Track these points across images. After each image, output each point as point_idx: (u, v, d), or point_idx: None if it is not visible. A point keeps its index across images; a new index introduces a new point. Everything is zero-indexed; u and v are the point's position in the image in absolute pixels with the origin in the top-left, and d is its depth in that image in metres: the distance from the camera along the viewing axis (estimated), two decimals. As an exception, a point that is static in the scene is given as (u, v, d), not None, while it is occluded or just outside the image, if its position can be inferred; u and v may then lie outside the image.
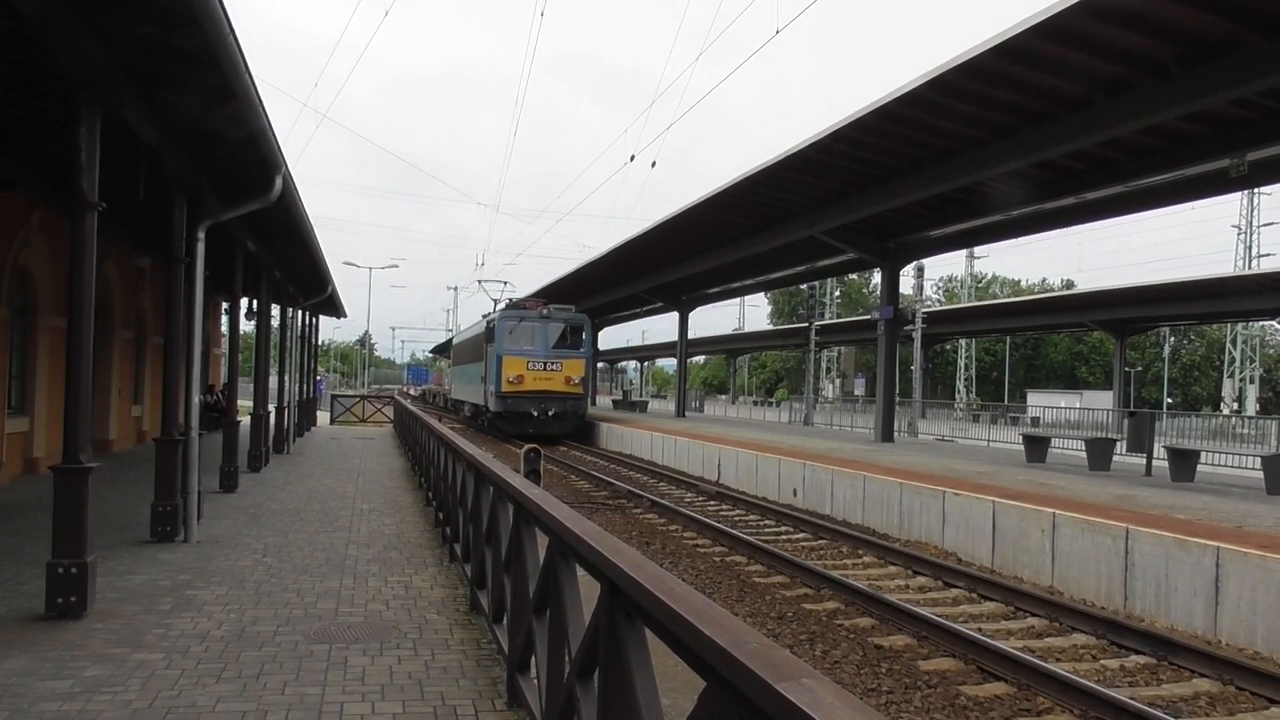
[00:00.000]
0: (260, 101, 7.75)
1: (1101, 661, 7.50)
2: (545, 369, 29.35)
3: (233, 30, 6.37)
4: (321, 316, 31.38)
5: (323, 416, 36.44)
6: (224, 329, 28.60)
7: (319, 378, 42.80)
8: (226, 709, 4.60)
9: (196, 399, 9.85)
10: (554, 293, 37.57)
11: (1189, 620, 8.39)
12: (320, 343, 38.95)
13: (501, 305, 34.69)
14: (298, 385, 24.70)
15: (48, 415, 14.28)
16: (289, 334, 22.97)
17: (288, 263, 17.71)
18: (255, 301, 18.33)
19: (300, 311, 24.79)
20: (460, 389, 41.88)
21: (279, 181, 9.71)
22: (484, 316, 36.93)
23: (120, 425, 19.40)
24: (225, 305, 26.84)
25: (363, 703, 4.76)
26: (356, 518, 11.13)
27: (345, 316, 33.13)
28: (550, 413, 29.27)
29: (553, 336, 29.94)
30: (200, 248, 9.75)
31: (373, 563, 8.40)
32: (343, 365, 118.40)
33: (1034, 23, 10.15)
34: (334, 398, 41.29)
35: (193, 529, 9.29)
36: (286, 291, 20.73)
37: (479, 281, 41.39)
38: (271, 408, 18.89)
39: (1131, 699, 6.21)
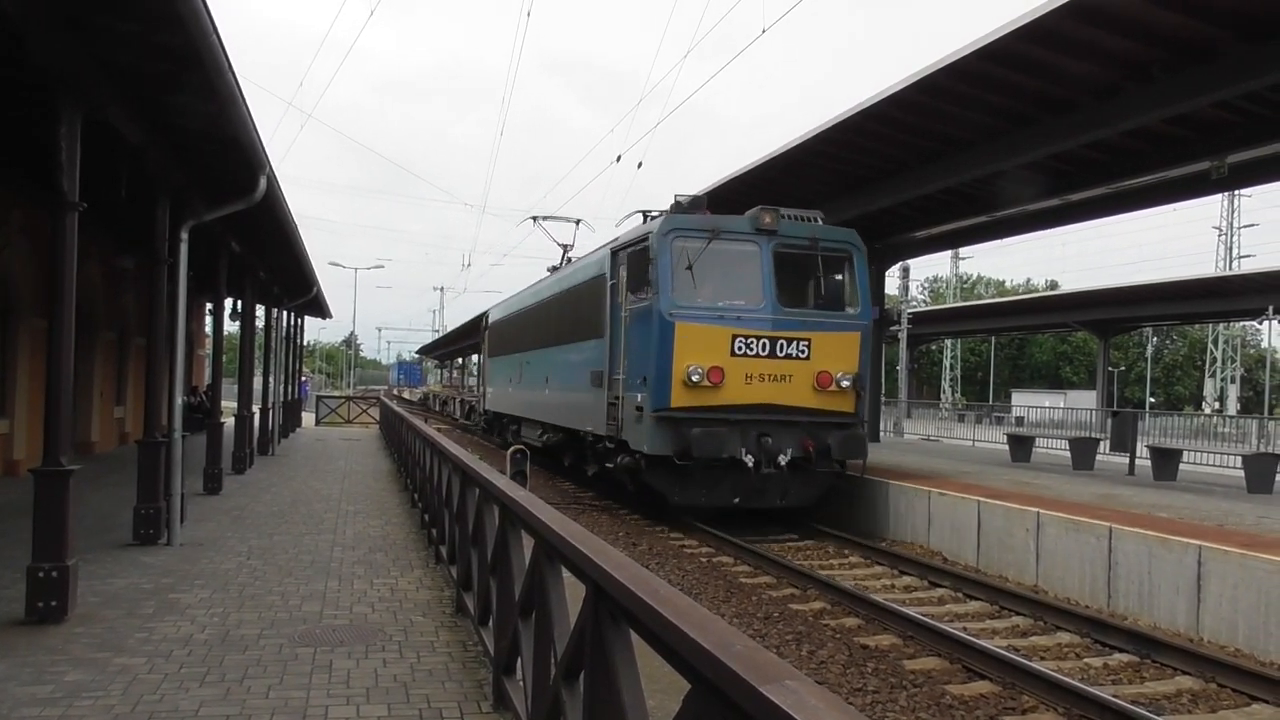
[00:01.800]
0: (244, 100, 7.70)
1: (1085, 660, 7.54)
2: (773, 354, 12.77)
3: (216, 28, 6.33)
4: (307, 317, 31.22)
5: (308, 418, 36.26)
6: (208, 330, 28.45)
7: (304, 379, 42.60)
8: (210, 713, 4.57)
9: (180, 400, 9.78)
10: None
11: (1172, 618, 8.45)
12: (305, 343, 38.78)
13: (627, 222, 15.58)
14: (282, 386, 24.57)
15: (28, 417, 14.15)
16: (274, 335, 22.86)
17: (272, 263, 17.61)
18: (239, 302, 18.23)
19: (285, 312, 24.65)
20: (516, 397, 22.71)
21: (263, 182, 9.66)
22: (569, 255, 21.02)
23: (102, 427, 19.25)
24: (209, 306, 26.74)
25: (347, 706, 4.74)
26: (342, 520, 11.08)
27: (330, 317, 32.98)
28: (784, 457, 12.52)
29: (789, 278, 13.35)
30: (183, 248, 9.69)
31: (358, 565, 8.36)
32: (328, 366, 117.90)
33: (1017, 25, 10.20)
34: (319, 399, 41.11)
35: (176, 531, 9.22)
36: (271, 292, 20.61)
37: (535, 219, 23.61)
38: (256, 409, 18.79)
39: (1115, 697, 6.25)
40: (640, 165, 23.96)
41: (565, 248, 22.82)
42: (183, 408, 9.98)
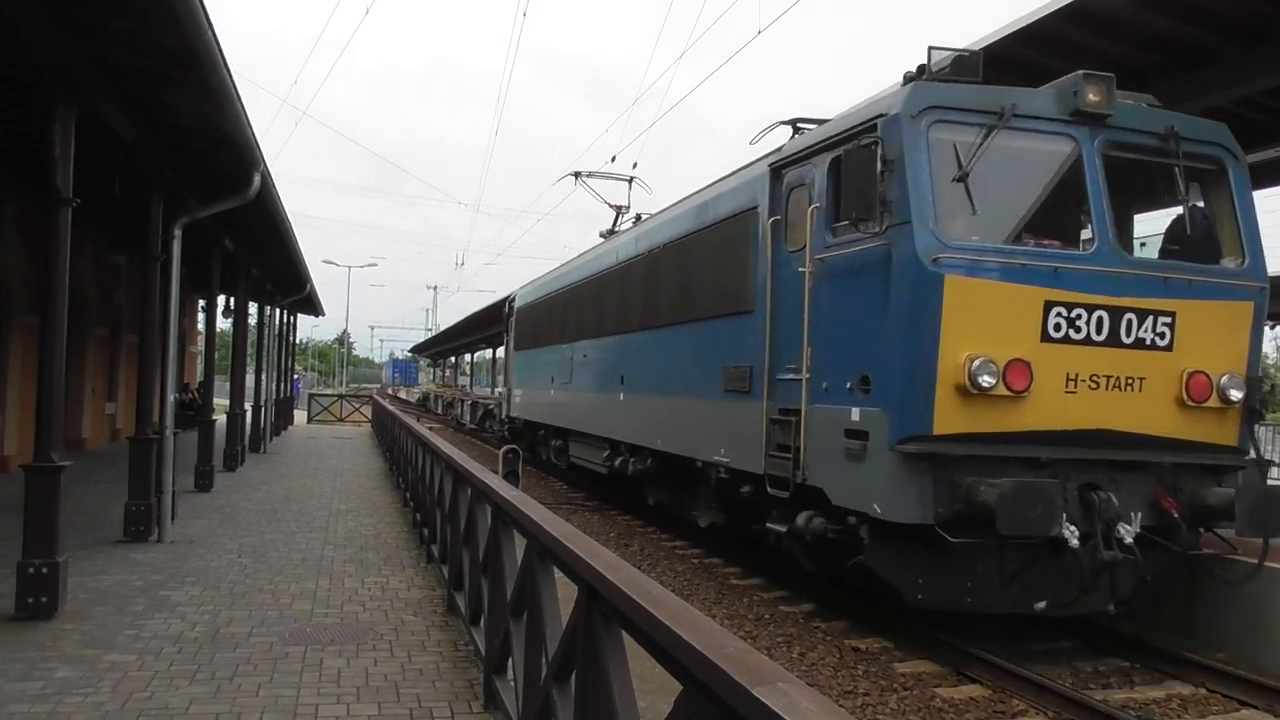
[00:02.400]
0: (239, 98, 7.68)
1: (1076, 664, 7.55)
2: (1114, 339, 6.76)
3: (211, 26, 6.32)
4: (299, 315, 31.18)
5: (300, 415, 36.19)
6: (201, 327, 28.37)
7: (296, 376, 42.52)
8: (200, 711, 4.56)
9: (172, 397, 9.75)
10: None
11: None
12: (298, 341, 38.71)
13: (766, 141, 9.38)
14: (275, 384, 24.52)
15: (20, 413, 14.11)
16: (266, 332, 22.83)
17: (266, 261, 17.58)
18: (232, 299, 18.18)
19: (278, 309, 24.61)
20: (562, 401, 17.21)
21: (257, 179, 9.64)
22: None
23: (94, 423, 19.17)
24: (202, 303, 26.68)
25: (338, 705, 4.73)
26: (333, 518, 11.06)
27: (323, 315, 32.94)
28: (1129, 529, 6.65)
29: (1130, 203, 7.95)
30: (177, 245, 9.68)
31: (349, 563, 8.35)
32: (320, 364, 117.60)
33: (1016, 28, 10.24)
34: (311, 396, 41.02)
35: (167, 529, 9.20)
36: (264, 289, 20.59)
37: (577, 175, 18.83)
38: (248, 406, 18.74)
39: (1105, 702, 6.27)
40: (635, 166, 23.97)
41: (619, 209, 18.42)
42: (174, 405, 9.95)
